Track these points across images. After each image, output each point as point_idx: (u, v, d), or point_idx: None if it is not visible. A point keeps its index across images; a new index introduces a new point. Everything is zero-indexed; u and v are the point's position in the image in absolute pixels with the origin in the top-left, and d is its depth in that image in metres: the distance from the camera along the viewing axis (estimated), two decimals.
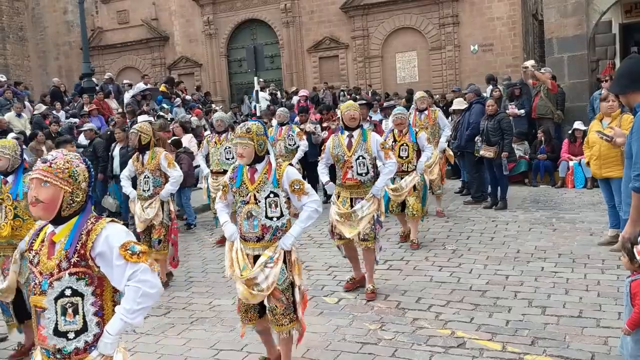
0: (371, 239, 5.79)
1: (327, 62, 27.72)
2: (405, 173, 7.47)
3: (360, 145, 5.82)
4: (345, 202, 5.89)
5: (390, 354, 4.59)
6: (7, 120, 13.22)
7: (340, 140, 5.92)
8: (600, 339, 4.54)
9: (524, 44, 24.65)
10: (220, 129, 8.79)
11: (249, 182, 4.20)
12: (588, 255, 6.66)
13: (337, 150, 5.91)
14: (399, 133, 7.56)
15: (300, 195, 4.18)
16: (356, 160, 5.79)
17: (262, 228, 4.13)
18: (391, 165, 5.82)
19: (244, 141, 4.13)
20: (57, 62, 31.33)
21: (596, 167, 7.12)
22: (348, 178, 5.82)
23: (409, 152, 7.48)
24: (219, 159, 8.60)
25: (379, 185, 5.84)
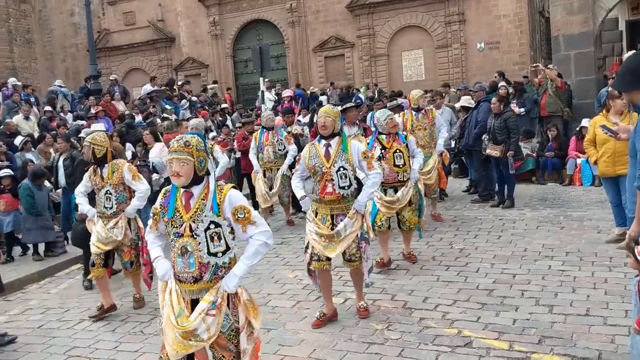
0: (357, 259, 5.22)
1: (333, 61, 27.72)
2: (400, 184, 6.63)
3: (340, 155, 5.15)
4: (325, 219, 5.18)
5: (397, 353, 4.59)
6: (15, 123, 13.31)
7: (317, 150, 5.23)
8: (607, 337, 4.52)
9: (531, 41, 24.56)
10: None
11: (183, 210, 3.48)
12: (595, 253, 6.63)
13: (313, 161, 5.20)
14: (388, 138, 6.68)
15: (246, 226, 3.45)
16: (337, 172, 5.11)
17: (199, 266, 3.42)
18: (375, 177, 5.19)
19: (182, 156, 3.40)
20: (64, 64, 31.49)
21: (608, 164, 7.03)
22: (327, 192, 5.11)
23: (405, 158, 6.64)
24: None
25: (362, 199, 5.20)
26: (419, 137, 8.33)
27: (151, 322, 5.81)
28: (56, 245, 8.83)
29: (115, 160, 6.18)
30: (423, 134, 8.51)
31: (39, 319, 6.36)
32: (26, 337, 5.80)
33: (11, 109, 15.05)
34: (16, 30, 29.69)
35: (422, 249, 7.40)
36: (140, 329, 5.68)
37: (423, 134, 8.52)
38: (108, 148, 6.10)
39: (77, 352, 5.28)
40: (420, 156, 6.89)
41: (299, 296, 6.12)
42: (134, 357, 5.05)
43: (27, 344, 5.61)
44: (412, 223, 6.75)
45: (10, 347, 5.56)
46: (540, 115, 12.26)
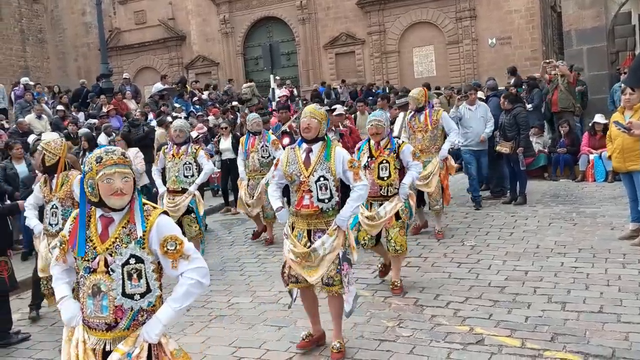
0: (337, 283, 4.49)
1: (343, 58, 27.71)
2: (384, 198, 5.83)
3: (321, 162, 4.51)
4: (302, 235, 4.55)
5: (409, 350, 4.58)
6: (28, 123, 13.40)
7: (297, 155, 4.60)
8: (621, 335, 4.48)
9: (543, 36, 24.41)
10: (180, 140, 7.35)
11: (97, 239, 2.82)
12: (609, 250, 6.57)
13: (291, 168, 4.58)
14: (377, 146, 5.88)
15: (177, 260, 2.82)
16: (316, 183, 4.47)
17: (114, 310, 2.77)
18: (361, 189, 4.52)
19: (125, 170, 2.80)
20: (76, 64, 31.69)
21: (619, 161, 7.01)
22: (304, 205, 4.49)
23: (391, 171, 5.79)
24: (176, 175, 7.25)
25: (345, 214, 4.50)
26: (418, 140, 7.71)
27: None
28: None
29: (68, 171, 5.53)
30: (422, 137, 7.73)
31: (52, 316, 6.40)
32: (39, 334, 5.84)
33: (23, 108, 15.16)
34: (29, 30, 29.93)
35: (434, 246, 7.38)
36: None
37: (422, 136, 7.73)
38: (61, 157, 5.47)
39: None
40: (416, 169, 5.89)
41: None
42: None
43: (40, 341, 5.65)
44: (397, 243, 5.78)
45: (23, 344, 5.60)
46: (552, 111, 12.16)
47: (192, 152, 7.29)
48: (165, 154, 7.42)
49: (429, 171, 7.56)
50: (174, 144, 7.42)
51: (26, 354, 5.39)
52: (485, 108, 9.52)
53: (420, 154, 7.18)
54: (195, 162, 7.31)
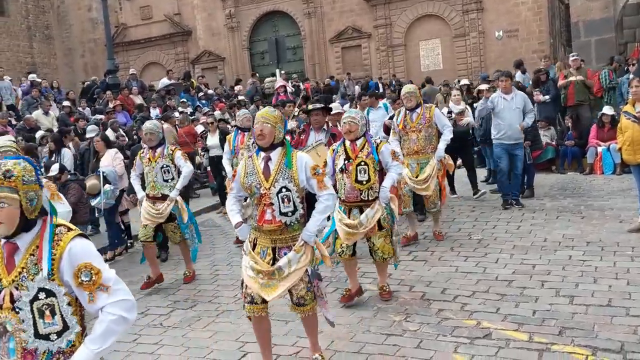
0: (309, 302, 4.19)
1: (349, 52, 27.63)
2: (365, 204, 5.36)
3: (282, 171, 4.07)
4: (265, 253, 4.13)
5: (415, 345, 4.57)
6: (35, 119, 13.45)
7: (255, 165, 4.15)
8: (630, 328, 4.45)
9: (550, 28, 24.24)
10: (152, 143, 6.78)
11: (2, 269, 2.43)
12: (617, 243, 6.53)
13: (250, 179, 4.12)
14: (353, 147, 5.39)
15: (94, 292, 2.39)
16: (277, 195, 4.04)
17: (23, 354, 2.39)
18: (327, 199, 4.12)
19: (2, 193, 2.36)
20: (82, 60, 31.76)
21: (629, 153, 6.96)
22: (266, 220, 4.06)
23: (370, 173, 5.31)
24: (154, 180, 6.75)
25: (311, 228, 4.12)
26: (412, 141, 7.13)
27: (170, 315, 5.85)
28: None
29: None
30: (417, 137, 7.11)
31: None
32: None
33: (30, 104, 15.21)
34: (35, 26, 30.00)
35: (440, 240, 7.35)
36: (159, 322, 5.71)
37: (417, 136, 7.11)
38: None
39: None
40: (396, 170, 5.43)
41: None
42: (154, 349, 5.09)
43: None
44: (385, 252, 5.42)
45: None
46: (568, 104, 12.00)
47: (169, 154, 6.77)
48: (141, 159, 6.89)
49: (427, 174, 7.08)
50: (148, 147, 6.87)
51: None
52: (523, 97, 8.70)
53: (417, 156, 7.10)
54: (174, 164, 6.79)
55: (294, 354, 4.65)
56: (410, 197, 7.23)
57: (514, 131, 8.48)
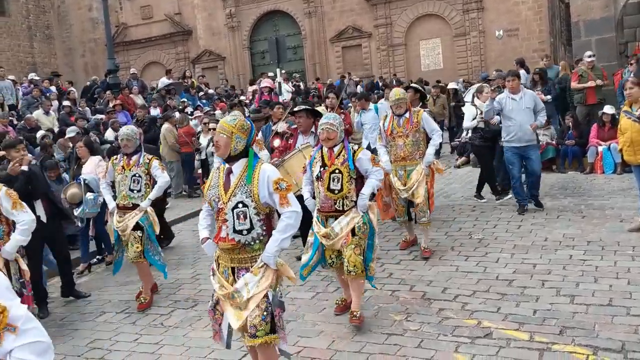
0: (262, 335, 3.67)
1: (350, 51, 27.66)
2: (339, 213, 5.02)
3: (242, 185, 3.70)
4: (227, 273, 3.79)
5: (416, 344, 4.57)
6: (36, 118, 13.45)
7: (220, 177, 3.83)
8: (630, 328, 4.45)
9: (551, 27, 24.27)
10: (129, 150, 6.30)
11: None
12: (618, 242, 6.53)
13: (211, 192, 3.82)
14: (330, 153, 5.06)
15: (0, 334, 2.00)
16: (233, 210, 3.68)
17: None
18: (290, 217, 3.69)
19: None
20: (83, 59, 31.81)
21: (629, 153, 6.96)
22: (221, 237, 3.73)
23: (343, 182, 4.97)
24: (125, 189, 6.28)
25: (271, 250, 3.67)
26: (399, 146, 6.73)
27: (171, 315, 5.86)
28: (77, 239, 8.90)
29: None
30: (404, 142, 6.70)
31: (61, 311, 6.45)
32: (49, 329, 5.82)
33: (31, 104, 15.22)
34: (36, 26, 30.04)
35: (441, 239, 7.36)
36: (160, 322, 5.72)
37: (404, 141, 6.70)
38: None
39: (99, 344, 5.34)
40: (377, 176, 5.07)
41: (318, 287, 6.12)
42: (154, 349, 5.09)
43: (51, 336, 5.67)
44: (351, 264, 4.94)
45: None
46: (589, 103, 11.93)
47: (145, 163, 6.28)
48: (114, 166, 6.38)
49: (415, 180, 6.67)
50: (123, 154, 6.38)
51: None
52: (533, 96, 8.22)
53: (404, 162, 6.74)
54: (147, 174, 6.30)
55: (295, 354, 4.65)
56: (404, 207, 6.94)
57: (525, 132, 8.01)
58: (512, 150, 8.18)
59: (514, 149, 8.15)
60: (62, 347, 5.37)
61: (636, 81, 6.95)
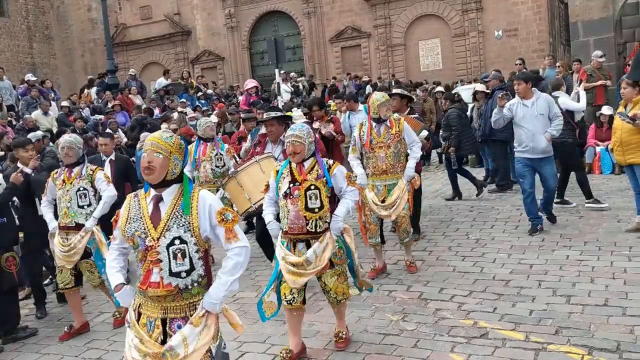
0: None
1: (349, 52, 27.69)
2: (312, 236, 4.40)
3: (176, 217, 3.06)
4: (153, 325, 3.09)
5: (412, 344, 4.58)
6: (34, 119, 13.45)
7: (142, 206, 3.15)
8: (626, 328, 4.46)
9: (550, 28, 24.30)
10: (70, 160, 5.60)
11: None
12: (615, 243, 6.54)
13: (133, 227, 3.11)
14: (300, 168, 4.43)
15: None
16: (168, 248, 3.03)
17: None
18: (239, 254, 3.09)
19: None
20: (82, 60, 31.83)
21: (619, 153, 7.02)
22: (152, 283, 3.05)
23: (322, 199, 4.38)
24: (68, 206, 5.54)
25: (215, 295, 3.07)
26: (380, 158, 6.00)
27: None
28: None
29: None
30: (386, 154, 5.98)
31: (59, 311, 6.46)
32: (46, 329, 5.89)
33: (30, 104, 15.22)
34: (35, 27, 30.06)
35: (439, 240, 7.38)
36: None
37: (386, 153, 5.98)
38: None
39: (96, 345, 5.35)
40: (352, 196, 4.53)
41: (315, 288, 6.05)
42: None
43: (48, 336, 5.69)
44: (339, 293, 4.53)
45: (31, 339, 5.64)
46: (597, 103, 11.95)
47: (88, 175, 5.61)
48: (54, 180, 5.65)
49: (397, 196, 5.98)
50: (64, 166, 5.69)
51: (34, 349, 5.43)
52: (547, 101, 7.16)
53: (385, 175, 6.01)
54: (93, 187, 5.62)
55: None
56: (377, 226, 6.21)
57: (539, 142, 6.99)
58: (523, 162, 7.21)
59: (526, 161, 7.17)
60: (59, 347, 5.38)
61: (630, 81, 6.97)
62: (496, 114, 7.31)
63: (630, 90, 6.86)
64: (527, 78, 7.36)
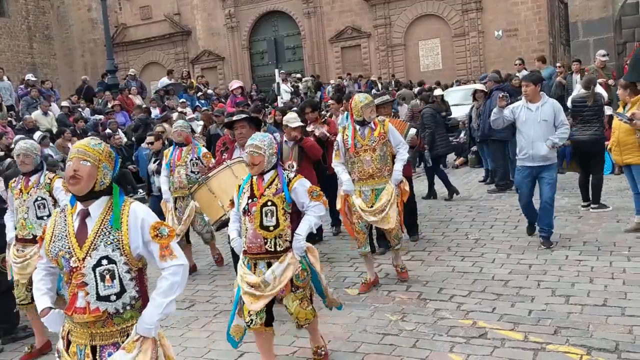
0: None
1: (349, 52, 27.69)
2: (271, 255, 4.06)
3: (104, 234, 2.75)
4: (83, 354, 2.80)
5: (412, 344, 4.59)
6: (34, 119, 13.47)
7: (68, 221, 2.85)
8: (625, 328, 4.47)
9: (550, 28, 24.29)
10: (27, 168, 5.25)
11: None
12: (614, 243, 6.55)
13: (57, 246, 2.80)
14: (259, 182, 4.09)
15: None
16: (94, 269, 2.72)
17: None
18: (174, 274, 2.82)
19: None
20: (82, 60, 31.83)
21: (617, 153, 7.06)
22: (78, 308, 2.75)
23: (278, 217, 4.02)
24: (25, 217, 5.22)
25: (152, 318, 2.80)
26: (366, 162, 5.68)
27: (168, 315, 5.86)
28: None
29: None
30: (371, 157, 5.68)
31: None
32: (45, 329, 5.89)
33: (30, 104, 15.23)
34: (35, 27, 30.06)
35: (438, 240, 7.39)
36: None
37: (371, 156, 5.68)
38: None
39: None
40: (316, 211, 4.12)
41: None
42: None
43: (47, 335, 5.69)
44: (301, 318, 4.18)
45: (30, 340, 5.64)
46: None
47: (46, 184, 5.24)
48: (12, 190, 5.35)
49: (385, 201, 5.66)
50: (22, 174, 5.34)
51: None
52: (553, 106, 6.64)
53: (372, 180, 5.71)
54: (52, 196, 5.24)
55: (291, 354, 4.68)
56: (366, 235, 5.87)
57: (538, 150, 6.52)
58: (522, 171, 6.77)
59: (526, 169, 6.72)
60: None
61: (624, 84, 7.00)
62: (495, 114, 6.92)
63: (622, 92, 6.90)
64: (536, 80, 6.82)
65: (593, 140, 7.86)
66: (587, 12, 13.03)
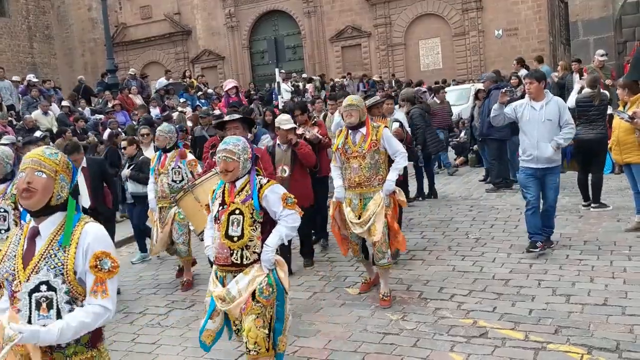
0: None
1: (349, 51, 27.70)
2: (238, 268, 3.70)
3: (50, 255, 2.43)
4: None
5: (412, 344, 4.58)
6: (34, 119, 13.46)
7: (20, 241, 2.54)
8: (625, 327, 4.46)
9: (550, 27, 24.29)
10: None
11: None
12: (614, 242, 6.54)
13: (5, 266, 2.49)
14: (231, 189, 3.75)
15: None
16: (30, 295, 2.40)
17: None
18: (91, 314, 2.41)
19: None
20: (82, 59, 31.85)
21: (617, 153, 7.07)
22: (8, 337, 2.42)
23: (244, 226, 3.65)
24: None
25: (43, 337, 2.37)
26: (353, 169, 5.38)
27: (168, 315, 5.88)
28: None
29: None
30: (360, 165, 5.36)
31: None
32: None
33: (30, 104, 15.23)
34: (36, 27, 30.06)
35: (439, 239, 7.38)
36: (157, 322, 5.74)
37: (360, 164, 5.36)
38: None
39: None
40: (288, 222, 3.72)
41: (315, 287, 6.13)
42: (152, 349, 5.11)
43: None
44: (251, 340, 3.63)
45: None
46: None
47: (12, 195, 4.78)
48: None
49: (372, 212, 5.30)
50: None
51: None
52: (558, 105, 6.31)
53: (360, 189, 5.39)
54: (16, 209, 4.77)
55: (291, 353, 4.67)
56: (358, 245, 5.64)
57: (543, 151, 6.24)
58: (527, 172, 6.43)
59: (530, 170, 6.40)
60: None
61: (622, 83, 7.01)
62: (495, 110, 6.64)
63: (621, 91, 6.92)
64: (540, 77, 6.42)
65: (598, 139, 7.88)
66: (588, 11, 13.02)
